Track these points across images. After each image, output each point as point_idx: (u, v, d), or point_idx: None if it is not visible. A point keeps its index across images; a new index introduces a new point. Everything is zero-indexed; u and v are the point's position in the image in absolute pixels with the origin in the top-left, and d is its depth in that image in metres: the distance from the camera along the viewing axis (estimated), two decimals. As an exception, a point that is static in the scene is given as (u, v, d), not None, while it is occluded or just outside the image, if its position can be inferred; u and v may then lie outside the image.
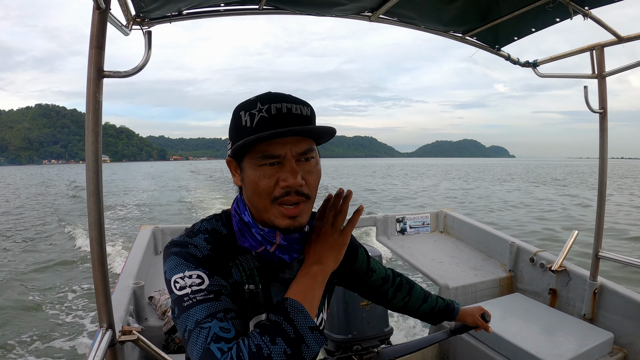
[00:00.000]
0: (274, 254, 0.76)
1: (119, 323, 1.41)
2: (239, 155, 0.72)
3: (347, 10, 1.46)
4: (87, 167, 1.02)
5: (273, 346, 0.60)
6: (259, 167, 0.69)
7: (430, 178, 38.97)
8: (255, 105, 0.70)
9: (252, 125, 0.69)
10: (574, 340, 1.79)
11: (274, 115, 0.69)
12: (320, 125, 0.71)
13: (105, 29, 0.96)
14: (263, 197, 0.70)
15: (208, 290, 0.66)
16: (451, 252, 2.93)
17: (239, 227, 0.76)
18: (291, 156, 0.69)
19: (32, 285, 6.10)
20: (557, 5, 1.38)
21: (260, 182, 0.69)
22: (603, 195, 1.95)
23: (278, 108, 0.69)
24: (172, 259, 0.69)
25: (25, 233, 10.52)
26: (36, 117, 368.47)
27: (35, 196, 22.12)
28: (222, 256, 0.72)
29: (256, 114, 0.69)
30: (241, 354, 0.59)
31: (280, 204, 0.70)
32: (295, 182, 0.68)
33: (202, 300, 0.65)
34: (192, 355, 0.61)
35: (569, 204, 16.61)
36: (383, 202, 17.62)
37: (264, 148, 0.68)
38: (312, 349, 0.62)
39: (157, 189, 26.13)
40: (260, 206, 0.71)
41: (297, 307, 0.65)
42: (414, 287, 1.14)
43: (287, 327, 0.62)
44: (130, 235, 9.17)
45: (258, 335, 0.61)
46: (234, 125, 0.73)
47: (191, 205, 16.02)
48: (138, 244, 2.50)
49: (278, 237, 0.75)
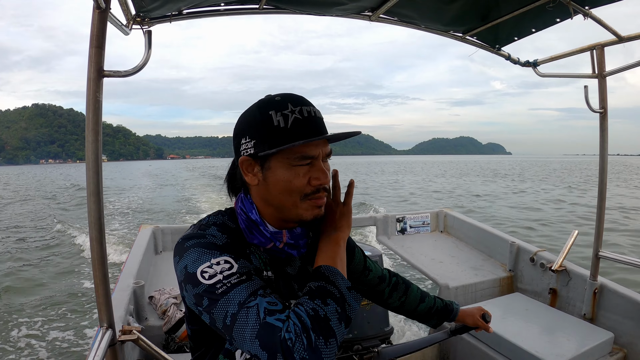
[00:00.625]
0: (283, 250, 0.79)
1: (119, 323, 1.41)
2: (266, 154, 0.72)
3: (347, 10, 1.46)
4: (87, 166, 1.02)
5: (326, 307, 0.63)
6: (293, 167, 0.72)
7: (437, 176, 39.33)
8: (286, 105, 0.72)
9: (287, 126, 0.71)
10: (574, 340, 1.79)
11: (306, 118, 0.72)
12: (351, 132, 0.76)
13: (105, 28, 0.96)
14: (295, 194, 0.73)
15: (240, 272, 0.66)
16: (451, 251, 2.93)
17: (246, 225, 0.77)
18: (321, 157, 0.75)
19: (32, 285, 6.10)
20: (558, 5, 1.38)
21: (294, 180, 0.72)
22: (603, 195, 1.95)
23: (308, 111, 0.73)
24: (192, 252, 0.68)
25: (25, 232, 10.54)
26: (33, 117, 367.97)
27: (36, 194, 22.16)
28: (238, 245, 0.74)
29: (289, 115, 0.71)
30: (302, 319, 0.60)
31: (309, 199, 0.74)
32: (327, 180, 0.75)
33: (237, 282, 0.65)
34: (244, 336, 0.60)
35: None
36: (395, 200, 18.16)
37: (302, 150, 0.72)
38: (353, 307, 0.67)
39: (157, 187, 26.59)
40: (289, 203, 0.74)
41: (333, 270, 0.70)
42: (410, 286, 1.14)
43: (332, 288, 0.66)
44: (129, 234, 9.18)
45: (309, 300, 0.64)
46: (262, 125, 0.72)
47: (189, 201, 16.26)
48: (138, 243, 2.50)
49: (285, 237, 0.78)
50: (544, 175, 36.86)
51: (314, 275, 0.70)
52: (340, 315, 0.63)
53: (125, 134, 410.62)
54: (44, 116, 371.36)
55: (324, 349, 0.59)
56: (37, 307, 5.19)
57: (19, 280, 6.32)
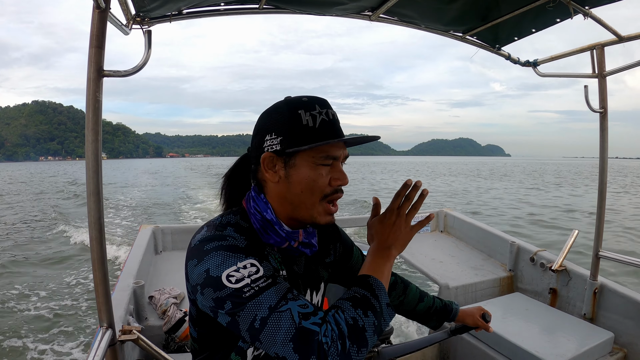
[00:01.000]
0: (297, 249, 0.80)
1: (119, 322, 1.41)
2: (292, 152, 0.73)
3: (347, 10, 1.46)
4: (87, 166, 1.02)
5: (366, 318, 0.65)
6: (317, 167, 0.74)
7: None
8: (313, 107, 0.75)
9: (316, 126, 0.73)
10: (574, 340, 1.79)
11: (331, 120, 0.76)
12: (373, 137, 0.78)
13: (105, 28, 0.96)
14: (316, 194, 0.75)
15: (266, 275, 0.66)
16: (451, 251, 2.93)
17: (261, 225, 0.77)
18: (341, 159, 0.78)
19: (32, 284, 6.10)
20: (558, 5, 1.38)
21: (318, 180, 0.74)
22: (603, 195, 1.95)
23: (332, 114, 0.77)
24: (215, 255, 0.67)
25: (25, 231, 10.53)
26: (33, 114, 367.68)
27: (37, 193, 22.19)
28: (257, 246, 0.74)
29: (317, 116, 0.74)
30: (340, 326, 0.62)
31: (328, 201, 0.76)
32: (347, 181, 0.77)
33: (265, 286, 0.65)
34: (276, 339, 0.61)
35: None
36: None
37: (327, 149, 0.74)
38: (387, 322, 0.69)
39: (158, 184, 27.14)
40: (309, 203, 0.75)
41: (379, 284, 0.71)
42: (409, 286, 1.14)
43: (375, 302, 0.68)
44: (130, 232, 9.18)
45: (352, 308, 0.66)
46: (290, 122, 0.74)
47: (189, 199, 16.47)
48: (138, 243, 2.50)
49: (301, 236, 0.79)
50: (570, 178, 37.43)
51: (361, 282, 0.71)
52: (376, 327, 0.66)
53: (124, 132, 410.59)
54: (44, 113, 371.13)
55: (355, 356, 0.62)
56: (37, 307, 5.19)
57: (19, 279, 6.32)
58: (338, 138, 0.75)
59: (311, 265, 0.88)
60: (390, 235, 0.77)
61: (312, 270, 0.88)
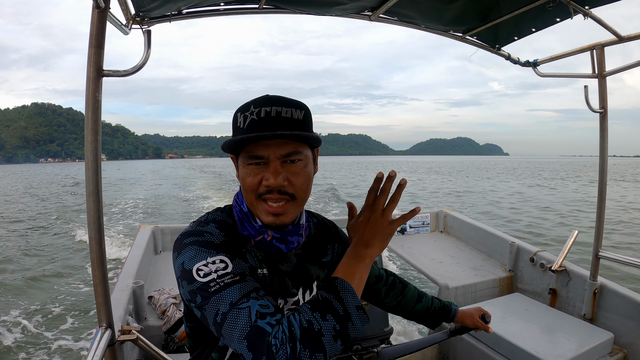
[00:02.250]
0: (272, 243, 0.79)
1: (118, 322, 1.40)
2: (235, 153, 0.78)
3: (347, 10, 1.46)
4: (86, 166, 1.02)
5: (323, 322, 0.62)
6: (247, 166, 0.75)
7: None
8: (249, 107, 0.75)
9: (244, 127, 0.74)
10: (574, 340, 1.79)
11: (262, 118, 0.73)
12: (297, 133, 0.72)
13: (104, 28, 0.96)
14: (249, 192, 0.75)
15: (234, 272, 0.67)
16: (451, 252, 2.93)
17: (240, 216, 0.80)
18: (275, 158, 0.73)
19: (32, 284, 6.10)
20: (558, 5, 1.38)
21: (246, 179, 0.75)
22: (603, 196, 1.95)
23: (267, 111, 0.73)
24: (190, 249, 0.70)
25: (25, 230, 10.53)
26: (32, 116, 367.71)
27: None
28: (235, 242, 0.76)
29: (248, 116, 0.74)
30: (293, 329, 0.61)
31: (264, 200, 0.74)
32: (276, 182, 0.72)
33: (231, 283, 0.66)
34: (233, 335, 0.62)
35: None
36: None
37: (250, 149, 0.73)
38: (357, 326, 0.65)
39: (162, 183, 28.34)
40: (248, 201, 0.77)
41: (346, 286, 0.67)
42: (407, 286, 1.14)
43: (337, 305, 0.65)
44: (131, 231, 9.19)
45: (309, 311, 0.63)
46: (233, 125, 0.78)
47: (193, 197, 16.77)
48: (138, 243, 2.50)
49: (270, 234, 0.79)
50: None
51: (326, 285, 0.68)
52: (337, 332, 0.62)
53: (124, 133, 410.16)
54: (43, 115, 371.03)
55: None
56: (37, 307, 5.19)
57: (18, 279, 6.32)
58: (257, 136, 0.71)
59: (303, 264, 0.88)
60: (365, 232, 0.72)
61: (303, 269, 0.88)
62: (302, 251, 0.88)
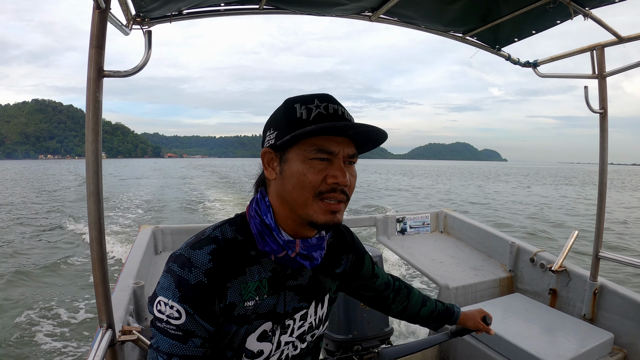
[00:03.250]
0: (295, 260, 0.76)
1: (119, 323, 1.40)
2: (286, 146, 0.71)
3: (347, 10, 1.46)
4: (87, 166, 1.02)
5: None
6: (310, 160, 0.69)
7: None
8: (312, 101, 0.72)
9: (309, 119, 0.70)
10: (574, 341, 1.79)
11: (331, 114, 0.71)
12: (381, 129, 0.71)
13: (105, 28, 0.96)
14: (307, 190, 0.69)
15: (180, 328, 0.68)
16: (451, 252, 2.93)
17: (259, 229, 0.74)
18: (342, 156, 0.71)
19: (32, 284, 6.09)
20: (558, 6, 1.38)
21: (308, 174, 0.69)
22: (603, 196, 1.95)
23: (335, 108, 0.72)
24: (166, 278, 0.70)
25: (25, 229, 10.52)
26: (33, 112, 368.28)
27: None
28: (223, 275, 0.70)
29: (314, 109, 0.71)
30: None
31: (322, 199, 0.70)
32: (345, 180, 0.69)
33: (171, 335, 0.68)
34: None
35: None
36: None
37: (320, 142, 0.69)
38: None
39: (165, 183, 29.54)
40: (301, 200, 0.70)
41: None
42: (412, 290, 1.14)
43: None
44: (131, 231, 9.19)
45: None
46: (285, 116, 0.72)
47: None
48: (138, 243, 2.50)
49: (298, 246, 0.74)
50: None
51: None
52: None
53: (123, 132, 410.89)
54: (44, 112, 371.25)
55: None
56: (37, 307, 5.18)
57: (18, 279, 6.32)
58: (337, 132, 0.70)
59: (318, 276, 0.85)
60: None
61: (318, 281, 0.85)
62: (320, 265, 0.84)
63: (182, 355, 0.67)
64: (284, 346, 0.80)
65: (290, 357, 0.83)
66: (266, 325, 0.76)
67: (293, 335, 0.82)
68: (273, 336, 0.78)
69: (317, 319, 0.86)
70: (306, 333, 0.84)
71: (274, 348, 0.78)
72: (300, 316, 0.82)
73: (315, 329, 0.86)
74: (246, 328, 0.74)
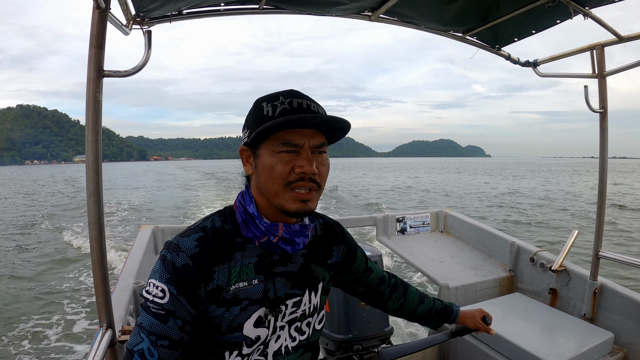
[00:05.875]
0: (277, 245, 0.80)
1: (119, 323, 1.40)
2: (257, 142, 0.76)
3: (347, 10, 1.46)
4: (87, 166, 1.02)
5: None
6: (277, 154, 0.74)
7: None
8: (278, 98, 0.75)
9: (274, 115, 0.74)
10: (574, 340, 1.79)
11: (295, 108, 0.74)
12: (341, 117, 0.74)
13: (105, 28, 0.96)
14: (277, 181, 0.74)
15: (163, 307, 0.72)
16: (451, 251, 2.93)
17: (243, 218, 0.80)
18: (308, 146, 0.74)
19: (32, 284, 6.09)
20: (558, 5, 1.38)
21: (276, 167, 0.74)
22: (603, 195, 1.95)
23: (299, 102, 0.75)
24: (158, 262, 0.76)
25: (25, 229, 10.52)
26: (18, 118, 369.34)
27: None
28: (209, 259, 0.75)
29: (278, 105, 0.74)
30: None
31: (292, 189, 0.74)
32: (311, 169, 0.73)
33: (152, 313, 0.72)
34: (127, 343, 0.73)
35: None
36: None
37: (284, 136, 0.73)
38: None
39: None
40: (272, 191, 0.75)
41: None
42: (409, 288, 1.14)
43: None
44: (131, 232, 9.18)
45: None
46: (254, 115, 0.77)
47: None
48: (138, 243, 2.50)
49: (280, 230, 0.78)
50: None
51: None
52: None
53: (109, 135, 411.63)
54: (29, 117, 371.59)
55: None
56: (37, 307, 5.19)
57: (18, 279, 6.32)
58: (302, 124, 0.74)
59: (309, 264, 0.88)
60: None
61: (309, 269, 0.88)
62: (308, 251, 0.88)
63: (160, 335, 0.71)
64: (279, 331, 0.83)
65: (290, 349, 0.85)
66: (260, 311, 0.79)
67: (284, 320, 0.83)
68: (268, 321, 0.81)
69: (311, 307, 0.88)
70: (298, 320, 0.86)
71: (270, 333, 0.81)
72: (294, 303, 0.84)
73: (309, 316, 0.88)
74: (238, 313, 0.77)
